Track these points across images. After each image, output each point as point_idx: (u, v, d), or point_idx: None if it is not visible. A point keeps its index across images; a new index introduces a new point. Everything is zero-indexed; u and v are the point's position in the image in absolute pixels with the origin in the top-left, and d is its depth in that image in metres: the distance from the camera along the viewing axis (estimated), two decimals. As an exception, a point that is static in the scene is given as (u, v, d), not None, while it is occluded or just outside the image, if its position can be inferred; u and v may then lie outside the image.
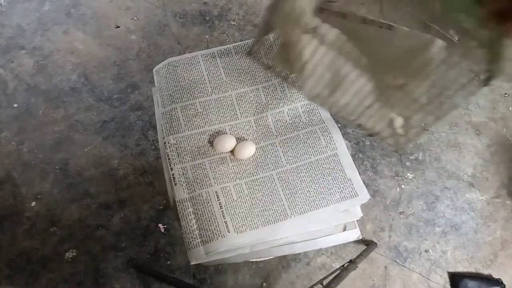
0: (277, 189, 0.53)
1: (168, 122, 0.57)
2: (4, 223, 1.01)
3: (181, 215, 0.51)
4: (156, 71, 0.62)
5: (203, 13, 1.34)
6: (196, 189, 0.52)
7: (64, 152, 1.10)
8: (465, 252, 1.03)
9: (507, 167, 1.13)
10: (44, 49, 1.26)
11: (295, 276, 0.98)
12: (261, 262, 0.99)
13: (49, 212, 1.03)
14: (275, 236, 0.50)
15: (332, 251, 1.01)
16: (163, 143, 0.56)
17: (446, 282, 1.00)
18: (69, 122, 1.14)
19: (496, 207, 1.08)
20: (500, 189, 1.11)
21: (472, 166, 1.13)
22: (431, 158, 1.13)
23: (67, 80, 1.21)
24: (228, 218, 0.50)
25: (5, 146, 1.10)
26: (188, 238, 0.49)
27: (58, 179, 1.06)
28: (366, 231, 1.04)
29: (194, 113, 0.57)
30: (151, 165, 1.09)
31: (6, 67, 1.23)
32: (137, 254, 0.99)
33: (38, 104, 1.17)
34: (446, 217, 1.06)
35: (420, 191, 1.09)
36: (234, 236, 0.49)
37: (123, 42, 1.28)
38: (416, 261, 1.01)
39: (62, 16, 1.32)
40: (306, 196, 0.52)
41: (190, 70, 0.60)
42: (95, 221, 1.02)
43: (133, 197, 1.05)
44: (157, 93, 0.60)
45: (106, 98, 1.18)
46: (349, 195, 0.53)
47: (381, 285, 0.99)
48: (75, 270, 0.97)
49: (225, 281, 0.97)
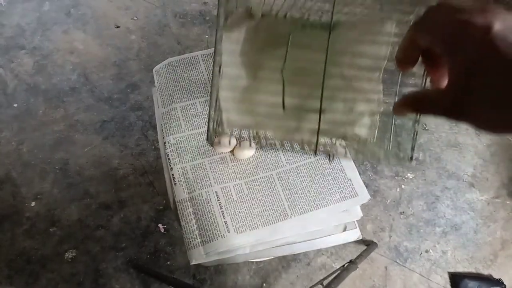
0: (277, 189, 0.53)
1: (168, 122, 0.57)
2: (4, 223, 1.01)
3: (181, 215, 0.50)
4: (156, 71, 0.62)
5: (203, 13, 1.34)
6: (196, 189, 0.52)
7: (64, 152, 1.10)
8: (465, 252, 1.03)
9: (507, 167, 1.13)
10: (44, 49, 1.26)
11: (295, 276, 0.98)
12: (261, 262, 0.98)
13: (49, 212, 1.02)
14: (275, 236, 0.50)
15: (332, 252, 1.01)
16: (163, 143, 0.56)
17: (447, 282, 1.00)
18: (69, 122, 1.14)
19: (496, 207, 1.08)
20: (500, 189, 1.11)
21: (472, 166, 1.13)
22: (431, 158, 1.13)
23: (67, 80, 1.21)
24: (228, 218, 0.50)
25: (5, 146, 1.10)
26: (188, 238, 0.49)
27: (58, 179, 1.06)
28: (366, 231, 1.04)
29: (194, 113, 0.57)
30: (151, 165, 1.09)
31: (6, 67, 1.23)
32: (137, 254, 0.99)
33: (38, 104, 1.17)
34: (446, 217, 1.06)
35: (420, 191, 1.09)
36: (234, 236, 0.48)
37: (123, 42, 1.27)
38: (417, 261, 1.01)
39: (62, 16, 1.32)
40: (306, 196, 0.52)
41: (190, 70, 0.60)
42: (95, 221, 1.02)
43: (133, 197, 1.05)
44: (157, 93, 0.60)
45: (106, 98, 1.18)
46: (349, 195, 0.53)
47: (381, 285, 0.99)
48: (75, 270, 0.97)
49: (225, 281, 0.97)
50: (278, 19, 0.37)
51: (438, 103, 0.23)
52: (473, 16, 0.21)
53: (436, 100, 0.23)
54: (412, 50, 0.26)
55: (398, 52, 0.27)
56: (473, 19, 0.20)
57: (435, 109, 0.23)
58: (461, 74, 0.21)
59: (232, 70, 0.34)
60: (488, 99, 0.20)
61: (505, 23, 0.20)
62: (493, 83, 0.19)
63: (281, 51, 0.29)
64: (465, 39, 0.21)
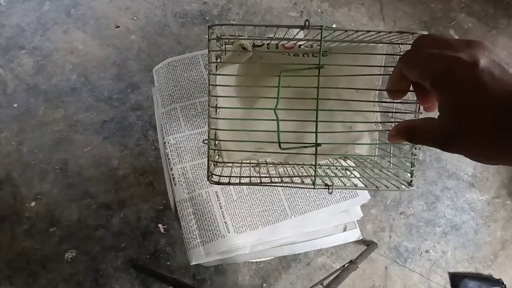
0: (277, 189, 0.52)
1: (168, 122, 0.57)
2: (4, 223, 1.01)
3: (181, 215, 0.50)
4: (156, 71, 0.62)
5: (203, 13, 1.34)
6: (196, 189, 0.52)
7: (64, 152, 1.10)
8: (466, 252, 1.03)
9: (507, 167, 1.13)
10: (44, 49, 1.26)
11: (295, 276, 0.98)
12: (261, 263, 0.98)
13: (49, 212, 1.02)
14: (275, 237, 0.50)
15: (333, 252, 1.01)
16: (163, 143, 0.56)
17: (447, 283, 1.00)
18: (69, 122, 1.14)
19: (496, 207, 1.08)
20: (500, 189, 1.11)
21: (472, 166, 1.13)
22: (431, 158, 1.13)
23: (67, 80, 1.21)
24: (228, 218, 0.50)
25: (5, 146, 1.10)
26: (188, 238, 0.49)
27: (58, 179, 1.06)
28: (366, 231, 1.04)
29: (194, 113, 0.57)
30: (151, 165, 1.09)
31: (6, 67, 1.23)
32: (137, 254, 0.99)
33: (38, 104, 1.16)
34: (446, 217, 1.06)
35: (420, 191, 1.09)
36: (234, 237, 0.48)
37: (123, 42, 1.27)
38: (417, 261, 1.01)
39: (62, 16, 1.32)
40: (306, 196, 0.52)
41: (190, 70, 0.60)
42: (94, 221, 1.02)
43: (133, 197, 1.05)
44: (157, 93, 0.60)
45: (106, 98, 1.18)
46: (349, 195, 0.53)
47: (382, 285, 0.99)
48: (75, 270, 0.97)
49: (225, 281, 0.97)
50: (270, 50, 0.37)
51: (429, 136, 0.23)
52: (459, 52, 0.21)
53: (427, 132, 0.24)
54: (401, 81, 0.26)
55: (389, 83, 0.28)
56: (459, 55, 0.21)
57: (427, 140, 0.24)
58: (451, 110, 0.21)
59: (226, 104, 0.34)
60: (479, 135, 0.20)
61: (490, 58, 0.20)
62: (483, 121, 0.20)
63: (276, 80, 0.30)
64: (452, 76, 0.21)
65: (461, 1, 1.41)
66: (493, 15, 1.38)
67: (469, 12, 1.38)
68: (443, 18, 1.35)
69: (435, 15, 1.35)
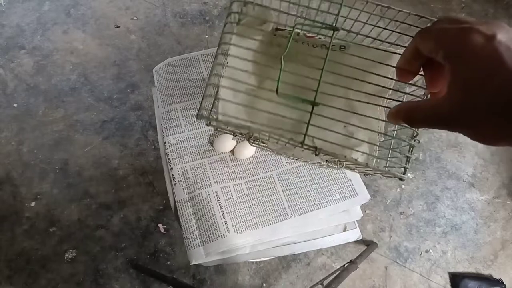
0: (277, 189, 0.52)
1: (168, 122, 0.57)
2: (4, 223, 1.01)
3: (181, 215, 0.50)
4: (156, 71, 0.62)
5: (203, 13, 1.34)
6: (196, 189, 0.52)
7: (63, 152, 1.10)
8: (466, 252, 1.03)
9: (507, 167, 1.13)
10: (44, 49, 1.26)
11: (295, 276, 0.98)
12: (261, 263, 0.98)
13: (49, 212, 1.02)
14: (275, 236, 0.50)
15: (333, 252, 1.01)
16: (163, 143, 0.56)
17: (447, 283, 1.00)
18: (69, 122, 1.14)
19: (496, 207, 1.08)
20: (500, 189, 1.11)
21: (472, 166, 1.13)
22: (431, 158, 1.13)
23: (66, 80, 1.21)
24: (228, 218, 0.50)
25: (5, 146, 1.10)
26: (188, 238, 0.49)
27: (58, 179, 1.06)
28: (366, 231, 1.04)
29: (194, 113, 0.57)
30: (151, 165, 1.09)
31: (6, 67, 1.23)
32: (137, 254, 0.99)
33: (37, 104, 1.16)
34: (446, 217, 1.06)
35: (420, 191, 1.09)
36: (234, 237, 0.48)
37: (123, 42, 1.27)
38: (417, 261, 1.01)
39: (62, 16, 1.32)
40: (306, 196, 0.52)
41: (190, 70, 0.60)
42: (94, 221, 1.02)
43: (133, 197, 1.05)
44: (157, 93, 0.60)
45: (106, 98, 1.18)
46: (349, 195, 0.52)
47: (382, 285, 0.99)
48: (75, 270, 0.97)
49: (225, 281, 0.97)
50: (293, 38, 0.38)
51: (434, 113, 0.22)
52: (477, 25, 0.21)
53: (432, 109, 0.23)
54: (414, 58, 0.26)
55: (400, 61, 0.27)
56: (477, 27, 0.20)
57: (431, 119, 0.23)
58: (462, 83, 0.20)
59: (239, 75, 0.34)
60: (491, 112, 0.19)
61: (509, 35, 0.20)
62: (497, 96, 0.19)
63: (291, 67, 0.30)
64: (468, 46, 0.20)
65: (461, 1, 1.41)
66: (493, 15, 1.38)
67: (469, 12, 1.38)
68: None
69: (435, 15, 1.35)
